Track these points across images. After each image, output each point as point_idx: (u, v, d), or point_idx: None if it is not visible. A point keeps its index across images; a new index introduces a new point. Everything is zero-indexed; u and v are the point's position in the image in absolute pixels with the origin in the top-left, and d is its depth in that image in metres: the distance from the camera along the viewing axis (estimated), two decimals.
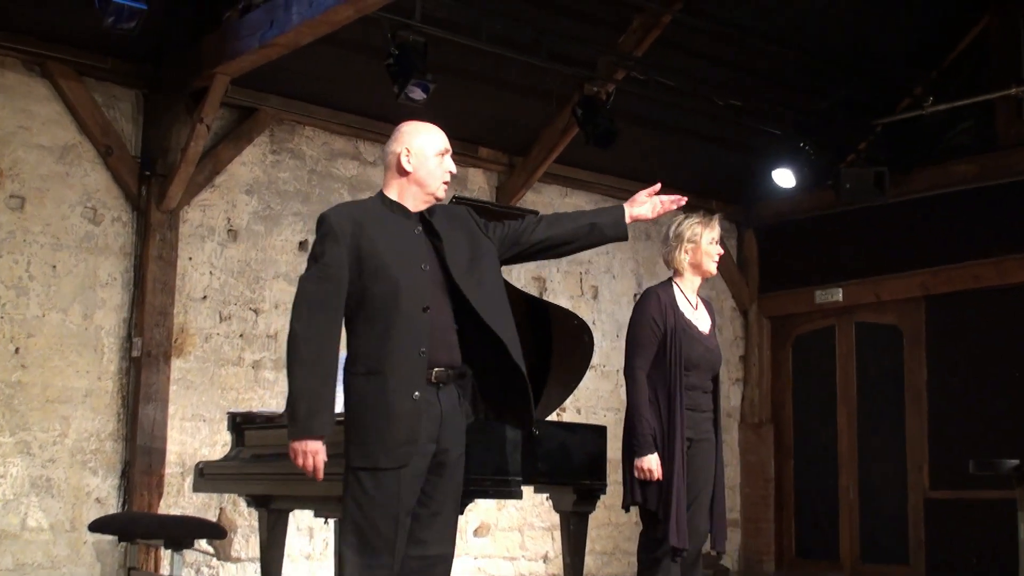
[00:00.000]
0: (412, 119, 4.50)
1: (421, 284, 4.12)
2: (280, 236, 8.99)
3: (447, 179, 4.32)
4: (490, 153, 10.19)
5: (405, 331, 4.05)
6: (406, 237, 4.18)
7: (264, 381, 8.78)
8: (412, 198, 4.25)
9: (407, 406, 4.05)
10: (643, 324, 5.22)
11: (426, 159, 4.25)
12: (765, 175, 10.75)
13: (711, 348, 5.31)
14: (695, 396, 5.21)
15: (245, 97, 8.65)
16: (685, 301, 5.31)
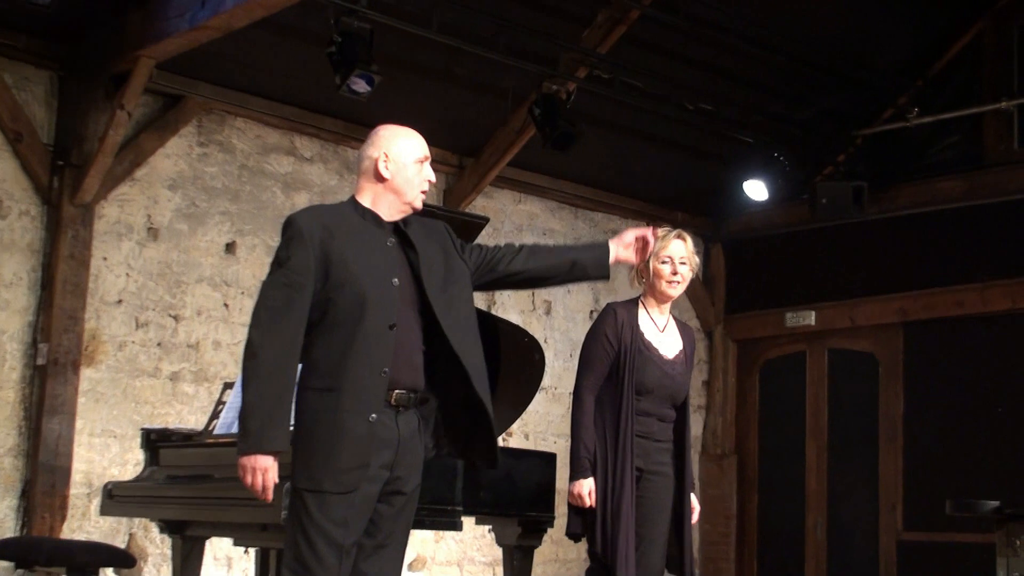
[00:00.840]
0: (390, 122, 4.58)
1: (389, 299, 4.17)
2: (205, 237, 8.96)
3: (426, 188, 4.38)
4: (439, 153, 10.19)
5: (368, 348, 4.09)
6: (377, 248, 4.22)
7: (183, 395, 8.74)
8: (387, 207, 4.30)
9: (361, 428, 4.08)
10: (595, 341, 5.25)
11: (404, 166, 4.33)
12: (736, 186, 10.83)
13: (672, 375, 5.29)
14: (648, 423, 5.20)
15: (171, 83, 8.62)
16: (649, 321, 5.31)
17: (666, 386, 5.26)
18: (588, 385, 5.20)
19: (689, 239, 5.41)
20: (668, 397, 5.28)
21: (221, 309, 9.01)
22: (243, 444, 4.02)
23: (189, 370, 8.80)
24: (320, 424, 4.06)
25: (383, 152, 4.32)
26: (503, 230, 10.64)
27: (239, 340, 9.04)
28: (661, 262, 5.28)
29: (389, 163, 4.32)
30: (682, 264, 5.31)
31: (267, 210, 9.25)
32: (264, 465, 4.01)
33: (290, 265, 4.10)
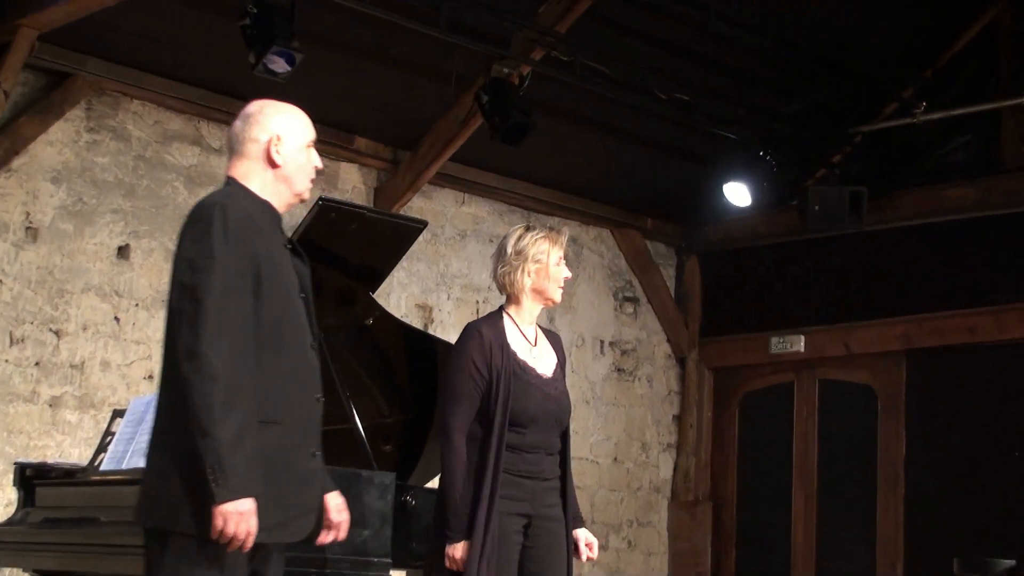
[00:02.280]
0: (268, 97, 4.54)
1: (303, 314, 4.24)
2: (94, 239, 8.95)
3: (314, 177, 4.43)
4: (368, 145, 10.23)
5: (301, 372, 4.17)
6: (281, 251, 4.26)
7: (64, 424, 8.71)
8: (277, 200, 4.33)
9: (310, 466, 4.17)
10: (460, 371, 5.11)
11: (297, 151, 4.34)
12: (715, 189, 10.91)
13: (555, 395, 5.21)
14: (535, 460, 5.12)
15: (56, 58, 8.60)
16: (519, 336, 5.23)
17: (551, 411, 5.17)
18: (458, 425, 5.04)
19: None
20: (554, 424, 5.19)
21: (111, 324, 9.00)
22: (224, 489, 3.91)
23: (72, 394, 8.77)
24: (268, 464, 4.04)
25: (275, 134, 4.31)
26: (443, 236, 10.69)
27: (132, 361, 9.03)
28: (556, 263, 5.24)
29: (282, 146, 4.31)
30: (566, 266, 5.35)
31: (167, 208, 9.25)
32: (250, 509, 3.95)
33: (230, 267, 4.03)
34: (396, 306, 10.10)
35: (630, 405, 11.90)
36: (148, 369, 9.08)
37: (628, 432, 11.85)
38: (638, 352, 12.00)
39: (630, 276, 12.02)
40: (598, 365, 11.70)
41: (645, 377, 12.04)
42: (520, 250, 5.24)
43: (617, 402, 11.80)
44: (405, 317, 9.89)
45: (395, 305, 10.10)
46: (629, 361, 11.92)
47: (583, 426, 11.41)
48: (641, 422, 11.96)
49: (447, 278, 10.72)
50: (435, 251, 10.64)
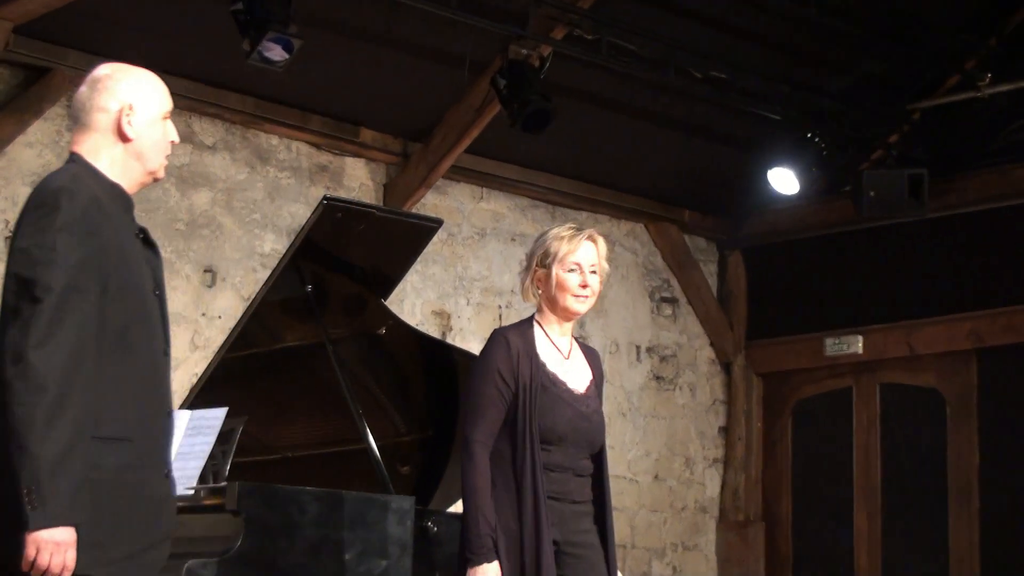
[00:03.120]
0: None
1: (156, 315, 4.11)
2: None
3: (169, 152, 4.25)
4: (376, 138, 10.29)
5: (151, 383, 4.05)
6: (132, 241, 4.11)
7: None
8: (128, 179, 4.15)
9: (162, 489, 4.07)
10: (485, 381, 5.09)
11: (152, 123, 4.16)
12: (759, 177, 10.93)
13: (587, 413, 5.21)
14: (562, 481, 5.12)
15: (33, 51, 8.67)
16: (550, 347, 5.24)
17: (582, 430, 5.17)
18: (480, 438, 5.05)
19: (602, 242, 5.29)
20: (585, 444, 5.19)
21: None
22: (41, 515, 3.76)
23: None
24: (113, 486, 3.92)
25: (127, 103, 4.11)
26: (460, 235, 10.74)
27: None
28: (568, 269, 5.16)
29: (134, 117, 4.12)
30: (592, 273, 5.20)
31: (158, 213, 9.33)
32: (69, 540, 3.82)
33: (74, 261, 3.87)
34: (410, 313, 10.16)
35: (671, 417, 11.92)
36: None
37: (669, 447, 11.87)
38: (678, 358, 12.02)
39: (667, 274, 12.04)
40: (634, 373, 11.72)
41: (687, 385, 12.06)
42: (532, 253, 5.25)
43: (656, 414, 11.82)
44: (420, 325, 9.95)
45: (409, 312, 10.16)
46: (669, 368, 11.95)
47: (619, 441, 11.43)
48: (684, 435, 11.99)
49: (465, 281, 10.77)
50: (451, 252, 10.69)
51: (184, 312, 9.38)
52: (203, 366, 6.99)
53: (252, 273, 9.64)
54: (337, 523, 5.38)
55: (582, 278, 5.16)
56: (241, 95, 9.53)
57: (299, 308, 6.12)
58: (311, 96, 9.77)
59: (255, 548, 5.18)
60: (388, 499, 5.58)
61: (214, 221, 9.59)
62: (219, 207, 9.62)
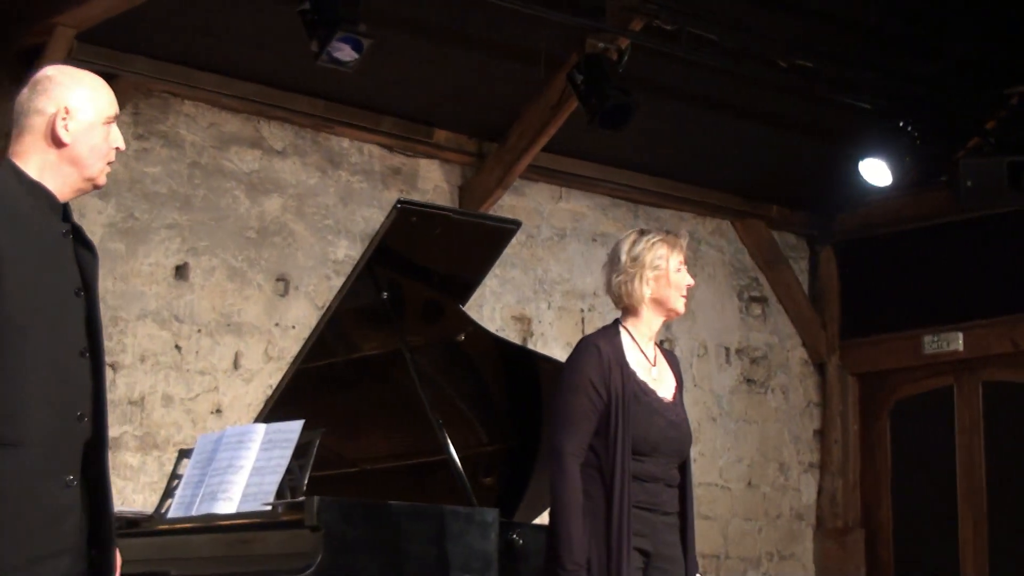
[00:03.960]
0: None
1: (76, 316, 4.08)
2: (148, 259, 9.12)
3: (113, 159, 4.22)
4: (450, 138, 10.33)
5: (54, 385, 3.98)
6: (53, 240, 4.10)
7: (125, 468, 8.88)
8: (61, 184, 4.13)
9: (60, 498, 3.98)
10: (576, 390, 5.17)
11: (92, 128, 4.13)
12: (849, 169, 10.88)
13: (677, 422, 5.31)
14: (654, 491, 5.19)
15: (98, 58, 8.73)
16: (639, 354, 5.33)
17: (673, 439, 5.27)
18: (572, 449, 5.12)
19: None
20: (676, 453, 5.29)
21: (172, 353, 9.16)
22: None
23: (132, 435, 8.95)
24: (5, 493, 3.89)
25: (63, 104, 4.09)
26: (539, 237, 10.76)
27: (196, 394, 9.19)
28: (677, 270, 5.36)
29: (71, 121, 4.10)
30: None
31: (227, 220, 9.41)
32: None
33: None
34: (490, 319, 10.19)
35: (763, 420, 11.89)
36: (215, 403, 9.24)
37: (763, 452, 11.85)
38: (770, 359, 11.99)
39: (756, 273, 12.02)
40: (724, 376, 11.71)
41: (779, 388, 12.03)
42: (636, 256, 5.33)
43: (748, 418, 11.80)
44: (500, 331, 9.96)
45: (488, 318, 10.18)
46: (760, 370, 11.92)
47: (710, 447, 11.43)
48: (777, 439, 11.96)
49: (546, 285, 10.78)
50: (531, 254, 10.71)
51: (257, 322, 9.45)
52: (277, 378, 7.04)
53: (326, 281, 9.69)
54: (419, 537, 5.39)
55: (688, 277, 5.39)
56: (311, 98, 9.58)
57: (375, 316, 6.14)
58: (382, 97, 9.81)
59: (334, 564, 5.20)
60: (471, 512, 5.58)
61: (285, 228, 9.64)
62: (290, 213, 9.68)
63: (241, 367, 9.40)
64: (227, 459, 5.74)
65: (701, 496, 11.33)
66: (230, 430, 5.93)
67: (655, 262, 5.30)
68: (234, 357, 9.37)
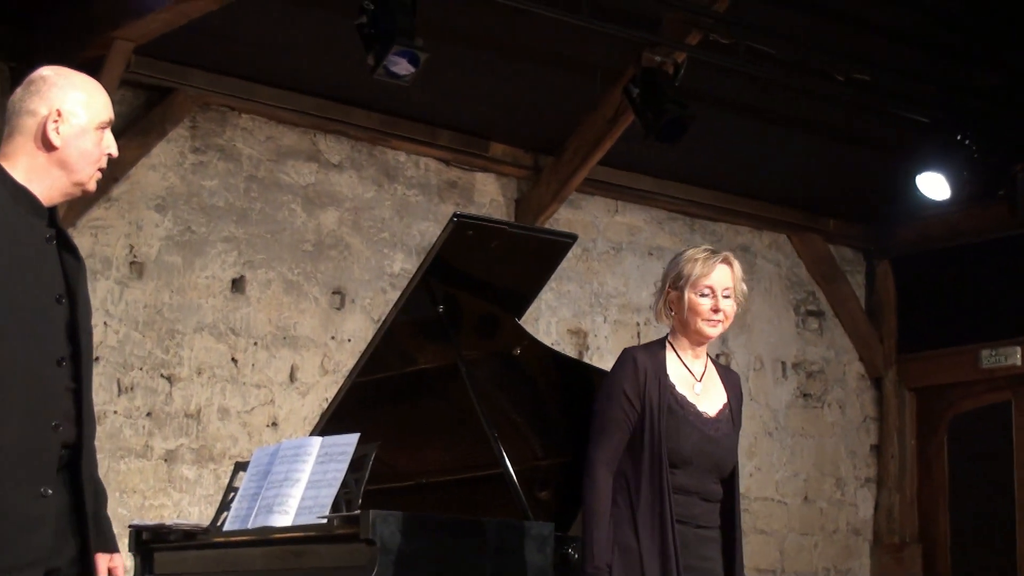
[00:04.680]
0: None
1: (56, 323, 4.03)
2: (205, 272, 9.15)
3: (104, 166, 4.17)
4: (507, 152, 10.33)
5: (29, 393, 3.92)
6: (36, 246, 4.05)
7: (181, 480, 8.91)
8: (48, 187, 4.09)
9: (32, 508, 3.93)
10: (611, 400, 5.19)
11: (83, 132, 4.08)
12: (907, 183, 10.83)
13: (716, 437, 5.25)
14: (688, 504, 5.17)
15: (156, 72, 8.81)
16: (682, 369, 5.30)
17: (709, 453, 5.22)
18: (603, 458, 5.13)
19: (737, 265, 5.33)
20: (712, 468, 5.24)
21: (228, 366, 9.19)
22: None
23: (189, 447, 8.97)
24: None
25: (55, 107, 4.05)
26: (595, 250, 10.74)
27: (252, 407, 9.21)
28: (700, 293, 5.22)
29: (63, 124, 4.05)
30: (725, 297, 5.24)
31: (284, 234, 9.43)
32: None
33: None
34: (545, 333, 10.17)
35: (820, 435, 11.84)
36: (271, 415, 9.26)
37: (819, 466, 11.79)
38: (826, 374, 11.94)
39: (812, 287, 11.97)
40: (780, 391, 11.66)
41: (836, 402, 11.98)
42: (666, 274, 5.32)
43: (805, 432, 11.75)
44: (556, 345, 9.95)
45: (544, 332, 10.17)
46: (816, 384, 11.87)
47: (766, 461, 11.39)
48: (834, 454, 11.90)
49: (602, 298, 10.77)
50: (587, 268, 10.70)
51: (313, 336, 9.46)
52: (333, 391, 7.03)
53: (382, 294, 9.70)
54: (475, 551, 5.38)
55: (714, 302, 5.22)
56: (367, 111, 9.60)
57: (431, 329, 6.13)
58: (439, 110, 9.82)
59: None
60: (527, 525, 5.57)
61: (342, 241, 9.66)
62: (346, 227, 9.69)
63: (297, 380, 9.41)
64: (283, 472, 5.74)
65: (758, 511, 11.30)
66: (286, 443, 5.93)
67: (678, 282, 5.25)
68: (290, 370, 9.39)
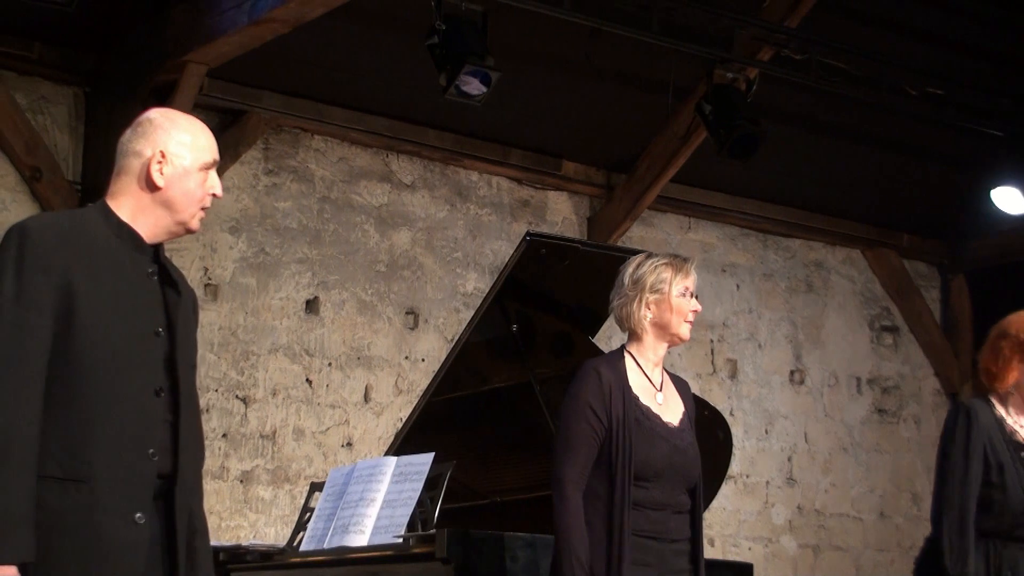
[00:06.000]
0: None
1: (155, 355, 4.09)
2: (280, 293, 9.16)
3: (208, 205, 4.23)
4: (579, 170, 10.30)
5: (126, 422, 4.00)
6: (136, 280, 4.12)
7: (258, 501, 8.91)
8: (152, 224, 4.17)
9: (125, 534, 3.98)
10: (576, 416, 5.10)
11: (187, 173, 4.14)
12: (981, 197, 10.73)
13: (683, 447, 5.19)
14: (661, 520, 5.10)
15: (228, 95, 8.85)
16: (643, 379, 5.25)
17: (678, 465, 5.16)
18: (571, 475, 5.04)
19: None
20: (682, 479, 5.18)
21: (303, 387, 9.19)
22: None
23: (264, 468, 8.98)
24: (64, 530, 3.91)
25: (159, 148, 4.12)
26: None
27: (327, 427, 9.21)
28: (681, 294, 5.21)
29: (166, 165, 4.12)
30: (696, 299, 5.29)
31: (358, 254, 9.43)
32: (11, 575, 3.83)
33: (27, 298, 3.93)
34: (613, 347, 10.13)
35: (895, 451, 11.74)
36: (346, 435, 9.26)
37: (895, 482, 11.69)
38: (901, 389, 11.84)
39: (887, 302, 11.89)
40: (856, 407, 11.57)
41: (911, 418, 11.87)
42: (637, 279, 5.24)
43: (880, 448, 11.65)
44: None
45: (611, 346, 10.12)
46: (892, 400, 11.77)
47: (842, 478, 11.30)
48: (910, 470, 11.79)
49: None
50: None
51: (387, 355, 9.45)
52: (408, 410, 7.03)
53: (455, 314, 9.68)
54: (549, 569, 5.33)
55: (694, 302, 5.23)
56: (439, 131, 9.61)
57: (505, 348, 6.10)
58: (510, 130, 9.81)
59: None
60: None
61: (415, 261, 9.65)
62: (419, 247, 9.68)
63: (371, 400, 9.40)
64: (359, 492, 5.74)
65: (833, 527, 11.22)
66: (361, 463, 5.93)
67: (657, 285, 5.20)
68: (364, 390, 9.38)
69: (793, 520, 11.08)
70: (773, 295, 11.25)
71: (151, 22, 8.23)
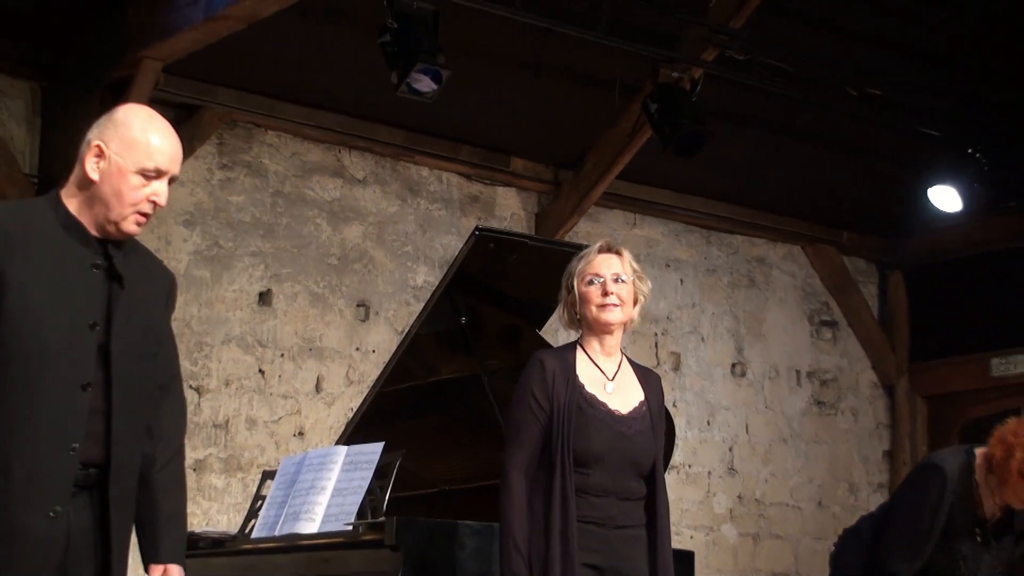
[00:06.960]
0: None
1: (86, 349, 4.00)
2: (233, 285, 9.15)
3: (147, 211, 4.07)
4: (527, 166, 10.32)
5: (47, 415, 3.92)
6: (75, 273, 4.02)
7: (210, 489, 8.91)
8: (91, 217, 4.06)
9: (41, 527, 3.92)
10: (520, 404, 5.12)
11: (120, 173, 4.02)
12: (918, 195, 10.81)
13: (628, 434, 5.14)
14: (603, 505, 5.06)
15: (183, 90, 8.83)
16: (593, 369, 5.24)
17: (621, 450, 5.10)
18: (515, 462, 5.05)
19: (628, 256, 5.37)
20: (629, 465, 5.12)
21: (255, 377, 9.18)
22: None
23: (217, 456, 8.97)
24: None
25: (100, 141, 4.03)
26: None
27: (279, 417, 9.21)
28: (588, 283, 5.22)
29: (103, 160, 4.02)
30: (616, 282, 5.24)
31: (310, 248, 9.43)
32: None
33: None
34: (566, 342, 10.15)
35: (833, 442, 11.81)
36: (297, 425, 9.25)
37: (833, 472, 11.76)
38: (839, 382, 11.91)
39: (827, 297, 11.95)
40: (795, 399, 11.64)
41: (849, 410, 11.94)
42: (565, 279, 5.30)
43: (818, 439, 11.72)
44: None
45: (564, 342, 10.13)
46: (830, 392, 11.84)
47: (781, 468, 11.37)
48: (847, 460, 11.87)
49: None
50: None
51: (338, 347, 9.46)
52: (358, 401, 7.03)
53: (405, 306, 9.69)
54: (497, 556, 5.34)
55: (603, 287, 5.20)
56: (391, 127, 9.61)
57: (454, 340, 6.12)
58: (461, 126, 9.82)
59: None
60: None
61: (366, 255, 9.65)
62: (371, 241, 9.69)
63: (323, 391, 9.41)
64: (309, 480, 5.75)
65: (773, 516, 11.28)
66: (312, 452, 5.94)
67: (570, 282, 5.25)
68: (316, 381, 9.38)
69: (734, 509, 11.14)
70: (716, 290, 11.30)
71: (107, 18, 8.20)
